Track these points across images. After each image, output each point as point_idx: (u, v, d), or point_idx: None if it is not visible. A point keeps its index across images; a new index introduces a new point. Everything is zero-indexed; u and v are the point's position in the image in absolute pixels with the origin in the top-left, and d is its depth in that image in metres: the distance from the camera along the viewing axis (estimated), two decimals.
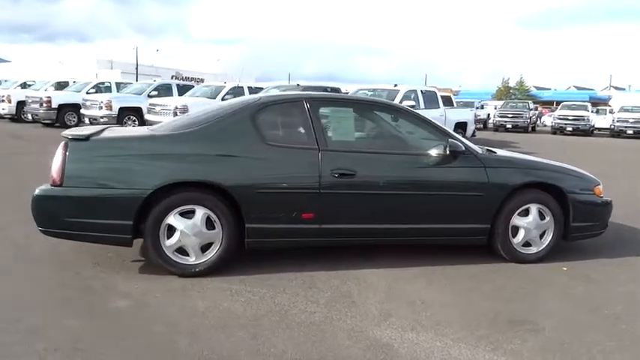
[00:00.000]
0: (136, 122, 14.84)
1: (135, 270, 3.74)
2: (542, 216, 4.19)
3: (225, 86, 14.49)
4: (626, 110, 24.24)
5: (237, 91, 14.40)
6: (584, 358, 2.71)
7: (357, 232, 3.84)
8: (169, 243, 3.55)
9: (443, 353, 2.68)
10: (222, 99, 13.90)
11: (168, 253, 3.56)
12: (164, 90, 15.85)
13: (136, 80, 24.68)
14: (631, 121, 23.05)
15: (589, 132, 24.15)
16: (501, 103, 29.68)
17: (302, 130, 3.83)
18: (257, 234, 3.65)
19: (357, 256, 4.08)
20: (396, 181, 3.86)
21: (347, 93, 12.35)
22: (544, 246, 4.23)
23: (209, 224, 3.58)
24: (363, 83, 13.05)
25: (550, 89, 65.64)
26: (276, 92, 13.40)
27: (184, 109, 13.23)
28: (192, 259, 3.60)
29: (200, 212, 3.55)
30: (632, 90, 53.00)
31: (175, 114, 13.24)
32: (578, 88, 67.51)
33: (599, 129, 25.77)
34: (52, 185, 3.44)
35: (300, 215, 3.68)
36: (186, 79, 36.83)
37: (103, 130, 3.88)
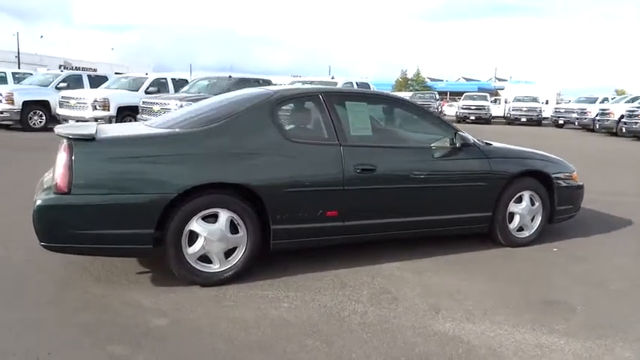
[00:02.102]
0: (43, 117, 13.44)
1: (145, 282, 3.40)
2: (532, 202, 4.46)
3: (147, 78, 13.61)
4: (519, 100, 26.57)
5: (160, 83, 13.63)
6: (629, 330, 2.93)
7: (377, 227, 3.81)
8: (192, 251, 3.27)
9: (511, 340, 2.75)
10: (146, 91, 13.10)
11: (191, 262, 3.28)
12: (73, 81, 14.48)
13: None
14: (524, 109, 25.35)
15: (489, 120, 26.13)
16: (410, 94, 31.11)
17: (322, 125, 3.70)
18: (283, 235, 3.48)
19: (370, 250, 4.05)
20: (412, 175, 3.88)
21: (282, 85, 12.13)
22: (534, 230, 4.51)
23: (232, 228, 3.35)
24: (263, 74, 12.83)
25: (442, 80, 70.01)
26: (204, 84, 12.87)
27: (105, 103, 12.30)
28: (215, 267, 3.35)
29: (224, 215, 3.30)
30: (512, 81, 58.09)
31: (95, 107, 12.25)
32: (467, 80, 72.76)
33: (495, 117, 27.98)
34: (56, 193, 3.00)
35: (325, 213, 3.57)
36: (77, 68, 33.94)
37: (96, 127, 3.46)
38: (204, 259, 3.33)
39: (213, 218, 3.30)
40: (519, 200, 4.40)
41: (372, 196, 3.72)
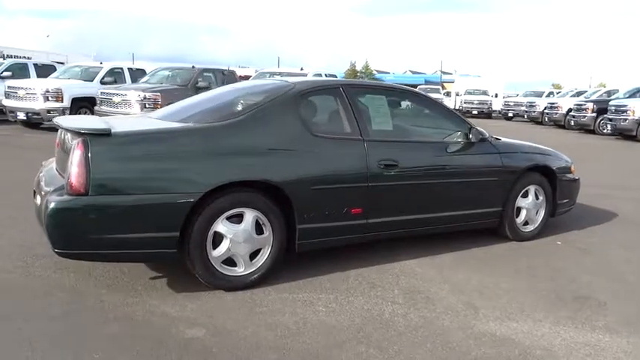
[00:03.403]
0: None
1: (163, 288, 3.15)
2: (536, 196, 4.51)
3: (102, 67, 12.85)
4: (470, 93, 27.33)
5: (116, 73, 12.92)
6: None
7: (398, 224, 3.71)
8: (217, 254, 3.05)
9: (559, 339, 2.72)
10: (102, 82, 12.40)
11: (216, 266, 3.06)
12: (18, 70, 13.46)
13: None
14: (475, 102, 26.10)
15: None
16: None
17: (344, 119, 3.54)
18: (308, 235, 3.31)
19: (383, 247, 3.95)
20: (433, 170, 3.81)
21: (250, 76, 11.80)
22: (538, 224, 4.56)
23: (257, 228, 3.15)
24: (211, 64, 12.47)
25: (390, 73, 71.00)
26: (166, 74, 12.32)
27: (58, 94, 11.53)
28: (240, 270, 3.14)
29: (250, 215, 3.10)
30: (459, 74, 59.71)
31: (47, 99, 11.45)
32: (413, 72, 74.16)
33: None
34: (71, 195, 2.69)
35: (350, 211, 3.43)
36: (10, 57, 31.69)
37: (108, 122, 3.15)
38: (228, 262, 3.12)
39: (236, 218, 3.09)
40: (525, 195, 4.43)
41: (394, 193, 3.62)
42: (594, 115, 17.36)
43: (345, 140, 3.46)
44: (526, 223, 4.50)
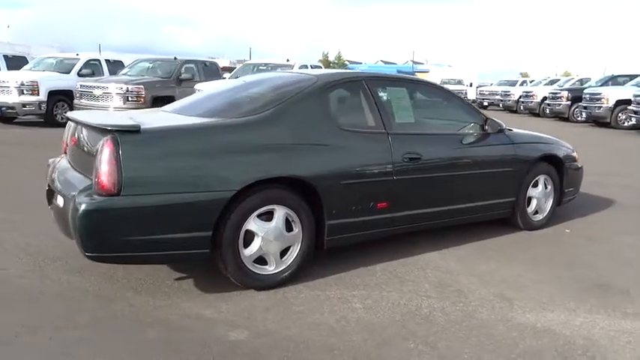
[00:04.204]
0: None
1: (191, 289, 3.06)
2: (545, 185, 4.56)
3: (79, 59, 12.40)
4: (446, 83, 27.52)
5: (93, 65, 12.51)
6: None
7: (421, 217, 3.69)
8: (248, 252, 2.97)
9: (597, 328, 2.75)
10: (79, 74, 11.99)
11: (248, 265, 2.98)
12: None
13: None
14: None
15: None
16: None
17: (368, 112, 3.49)
18: (337, 231, 3.26)
19: (401, 239, 3.92)
20: (454, 162, 3.81)
21: (235, 67, 11.58)
22: (546, 213, 4.62)
23: (287, 225, 3.09)
24: (180, 55, 12.12)
25: (362, 63, 71.16)
26: (147, 66, 12.00)
27: (34, 87, 11.12)
28: (271, 268, 3.08)
29: (280, 212, 3.03)
30: (429, 63, 60.24)
31: (22, 92, 11.02)
32: (385, 62, 74.49)
33: None
34: (103, 195, 2.57)
35: (376, 205, 3.40)
36: None
37: (133, 117, 3.02)
38: (259, 260, 3.05)
39: (266, 216, 3.01)
40: (536, 184, 4.48)
41: (418, 186, 3.59)
42: (569, 103, 17.78)
43: (370, 134, 3.41)
44: (536, 212, 4.55)
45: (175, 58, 11.88)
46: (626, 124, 14.76)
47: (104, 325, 2.60)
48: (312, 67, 11.83)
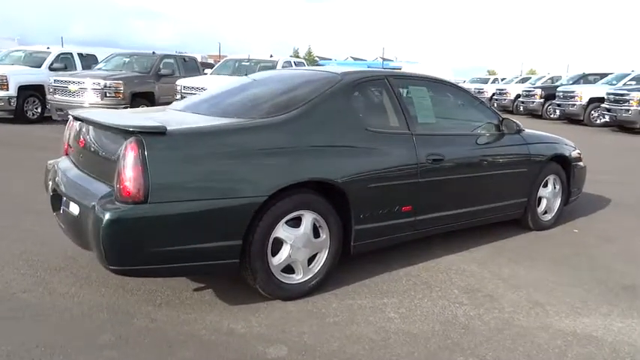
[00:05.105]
0: None
1: (214, 302, 2.87)
2: (554, 185, 4.55)
3: (49, 52, 11.83)
4: None
5: (66, 59, 11.98)
6: None
7: (443, 219, 3.60)
8: (277, 261, 2.81)
9: (637, 332, 2.72)
10: (51, 68, 11.46)
11: (276, 275, 2.82)
12: None
13: None
14: None
15: None
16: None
17: (392, 112, 3.36)
18: (363, 236, 3.13)
19: (417, 243, 3.82)
20: (473, 163, 3.73)
21: (216, 63, 11.26)
22: (554, 212, 4.61)
23: (314, 231, 2.94)
24: (147, 49, 11.79)
25: (331, 59, 71.10)
26: (124, 60, 11.55)
27: (3, 81, 10.54)
28: (298, 277, 2.92)
29: (309, 218, 2.88)
30: (397, 60, 60.65)
31: None
32: (355, 59, 74.59)
33: None
34: (126, 203, 2.36)
35: (401, 209, 3.28)
36: None
37: (154, 118, 2.81)
38: (285, 269, 2.89)
39: (292, 222, 2.86)
40: (545, 184, 4.45)
41: (440, 188, 3.50)
42: (542, 100, 18.13)
43: (395, 135, 3.29)
44: (545, 212, 4.53)
45: (154, 53, 11.47)
46: (598, 121, 15.13)
47: (130, 344, 2.40)
48: (295, 64, 11.63)
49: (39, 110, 11.29)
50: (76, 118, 3.07)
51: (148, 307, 2.76)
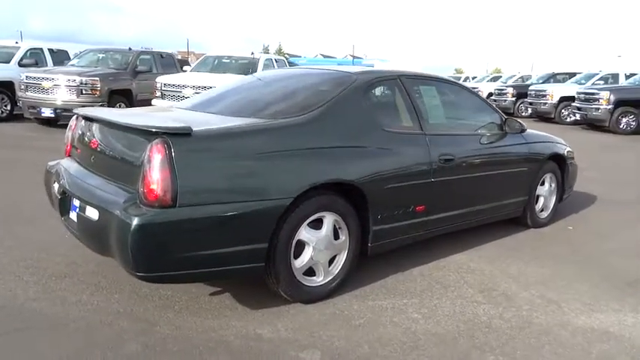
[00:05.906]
0: None
1: (234, 306, 2.81)
2: (550, 183, 4.65)
3: (19, 47, 11.38)
4: None
5: (36, 55, 11.55)
6: None
7: (452, 219, 3.63)
8: (299, 264, 2.78)
9: None
10: (20, 64, 11.04)
11: (298, 277, 2.78)
12: None
13: None
14: None
15: None
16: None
17: (405, 112, 3.36)
18: (381, 236, 3.13)
19: (424, 241, 3.85)
20: (481, 162, 3.77)
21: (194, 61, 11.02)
22: (550, 210, 4.72)
23: (334, 233, 2.92)
24: (108, 44, 11.60)
25: (302, 57, 70.95)
26: (98, 57, 11.22)
27: None
28: (319, 279, 2.90)
29: (330, 220, 2.85)
30: (367, 58, 61.08)
31: None
32: (325, 56, 74.63)
33: None
34: (152, 207, 2.28)
35: (415, 209, 3.29)
36: None
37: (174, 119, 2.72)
38: (307, 271, 2.85)
39: (314, 224, 2.83)
40: (542, 183, 4.55)
41: (451, 188, 3.52)
42: (514, 99, 18.54)
43: (410, 135, 3.30)
44: (541, 210, 4.63)
45: (130, 49, 11.18)
46: (568, 119, 15.59)
47: (158, 352, 2.32)
48: (275, 62, 11.52)
49: (8, 108, 10.86)
50: (86, 118, 2.95)
51: (168, 314, 2.68)
